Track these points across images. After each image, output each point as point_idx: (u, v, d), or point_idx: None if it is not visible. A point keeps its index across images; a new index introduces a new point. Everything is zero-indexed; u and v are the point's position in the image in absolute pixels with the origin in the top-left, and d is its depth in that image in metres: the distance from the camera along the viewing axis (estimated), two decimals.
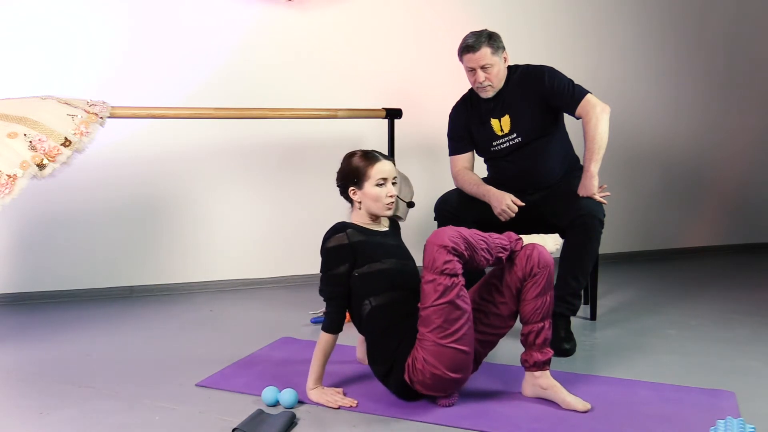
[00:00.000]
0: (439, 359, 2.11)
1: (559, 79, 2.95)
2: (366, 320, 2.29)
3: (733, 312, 3.41)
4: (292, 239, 4.00)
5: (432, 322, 2.10)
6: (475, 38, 2.92)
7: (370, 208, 2.36)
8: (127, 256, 3.75)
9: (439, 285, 2.07)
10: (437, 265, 2.07)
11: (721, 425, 2.00)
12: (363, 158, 2.36)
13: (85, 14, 3.56)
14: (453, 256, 2.08)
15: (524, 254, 2.24)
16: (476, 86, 3.00)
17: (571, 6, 4.42)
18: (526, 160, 3.00)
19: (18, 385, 2.47)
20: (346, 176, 2.38)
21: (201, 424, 2.11)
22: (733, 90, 4.89)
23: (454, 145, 3.16)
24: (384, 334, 2.25)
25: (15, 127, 2.62)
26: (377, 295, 2.27)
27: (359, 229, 2.34)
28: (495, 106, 3.02)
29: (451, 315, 2.09)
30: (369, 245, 2.31)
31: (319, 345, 2.28)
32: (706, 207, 4.98)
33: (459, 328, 2.10)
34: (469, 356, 2.17)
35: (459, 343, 2.11)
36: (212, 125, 3.75)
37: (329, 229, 2.33)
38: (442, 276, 2.07)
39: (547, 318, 2.25)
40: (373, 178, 2.33)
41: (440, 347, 2.10)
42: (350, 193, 2.38)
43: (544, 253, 2.24)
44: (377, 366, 2.29)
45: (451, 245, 2.07)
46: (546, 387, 2.26)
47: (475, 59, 2.92)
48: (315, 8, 3.92)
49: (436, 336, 2.10)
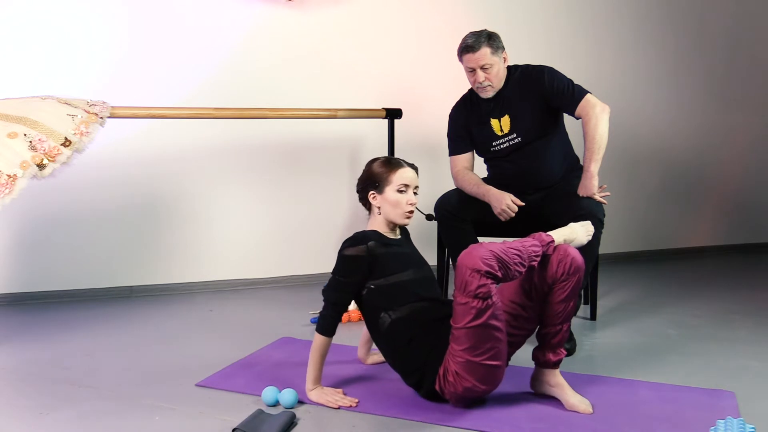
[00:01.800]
0: (471, 374, 2.10)
1: (558, 79, 2.95)
2: (387, 333, 2.26)
3: (733, 312, 3.41)
4: (292, 239, 4.00)
5: (464, 342, 2.07)
6: (475, 38, 2.92)
7: (389, 214, 2.33)
8: (127, 256, 3.75)
9: (472, 308, 2.02)
10: (470, 289, 2.01)
11: (721, 425, 2.00)
12: (386, 163, 2.34)
13: (85, 14, 3.56)
14: (487, 279, 2.01)
15: (556, 258, 2.18)
16: (476, 86, 3.00)
17: (571, 6, 4.42)
18: (526, 160, 3.00)
19: (18, 385, 2.47)
20: (367, 180, 2.35)
21: (201, 424, 2.11)
22: (733, 90, 4.89)
23: (454, 145, 3.15)
24: (410, 345, 2.22)
25: (15, 127, 2.62)
26: (397, 307, 2.24)
27: (382, 241, 2.30)
28: (495, 106, 3.02)
29: (483, 335, 2.05)
30: (389, 257, 2.28)
31: (315, 346, 2.27)
32: (706, 207, 4.98)
33: (492, 347, 2.07)
34: (502, 368, 2.15)
35: (491, 359, 2.08)
36: (212, 125, 3.75)
37: (352, 236, 2.28)
38: (475, 300, 2.01)
39: (566, 321, 2.24)
40: (394, 183, 2.31)
41: (473, 364, 2.08)
42: (370, 197, 2.35)
43: (576, 258, 2.19)
44: (407, 377, 2.28)
45: (485, 269, 2.00)
46: (554, 385, 2.27)
47: (475, 59, 2.92)
48: (315, 8, 3.92)
49: (469, 354, 2.07)
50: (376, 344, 2.36)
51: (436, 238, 3.25)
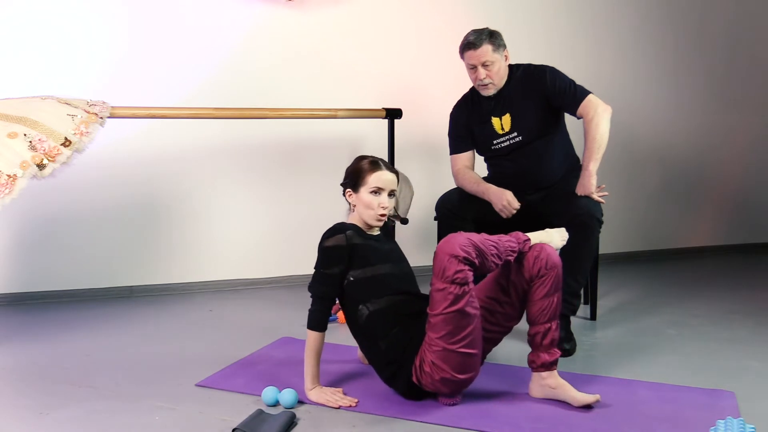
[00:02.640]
0: (447, 362, 2.12)
1: (560, 79, 2.95)
2: (364, 325, 2.28)
3: (733, 312, 3.41)
4: (292, 239, 4.00)
5: (441, 328, 2.10)
6: (477, 35, 2.93)
7: (362, 214, 2.37)
8: (127, 256, 3.75)
9: (449, 294, 2.06)
10: (448, 275, 2.06)
11: (721, 425, 2.00)
12: (366, 164, 2.36)
13: (84, 14, 3.55)
14: (464, 265, 2.06)
15: (532, 255, 2.23)
16: (477, 84, 3.00)
17: (571, 6, 4.42)
18: (526, 159, 3.00)
19: (18, 385, 2.47)
20: (347, 177, 2.40)
21: (201, 424, 2.11)
22: (733, 90, 4.89)
23: (455, 144, 3.16)
24: (386, 338, 2.24)
25: (15, 127, 2.62)
26: (375, 299, 2.26)
27: (358, 231, 2.34)
28: (496, 105, 3.02)
29: (460, 322, 2.08)
30: (366, 249, 2.30)
31: (309, 344, 2.28)
32: (706, 207, 4.98)
33: (468, 334, 2.10)
34: (477, 357, 2.17)
35: (467, 347, 2.11)
36: (212, 125, 3.74)
37: (330, 228, 2.32)
38: (452, 285, 2.06)
39: (554, 319, 2.25)
40: (369, 185, 2.33)
41: (449, 352, 2.10)
42: (346, 194, 2.40)
43: (553, 254, 2.24)
44: (382, 370, 2.29)
45: (462, 255, 2.06)
46: (555, 386, 2.26)
47: (477, 56, 2.92)
48: (315, 8, 3.92)
49: (445, 342, 2.10)
50: (354, 337, 2.38)
51: (436, 237, 3.25)
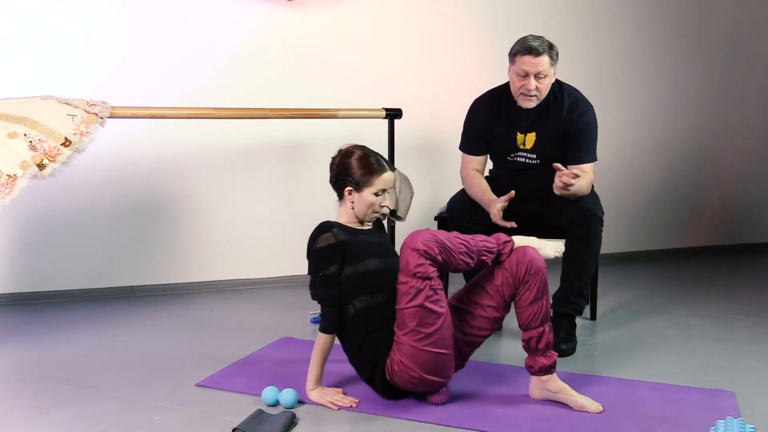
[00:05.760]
0: (416, 362, 2.12)
1: (589, 131, 2.87)
2: (350, 323, 2.27)
3: (733, 312, 3.41)
4: (292, 239, 3.98)
5: (406, 324, 2.11)
6: (539, 42, 2.75)
7: (360, 212, 2.36)
8: (127, 256, 3.75)
9: (411, 288, 2.08)
10: (410, 268, 2.08)
11: (721, 425, 2.00)
12: (369, 164, 2.33)
13: (85, 14, 3.55)
14: (425, 259, 2.08)
15: (515, 259, 2.22)
16: (520, 92, 2.82)
17: (571, 6, 4.42)
18: (535, 180, 2.93)
19: (18, 385, 2.47)
20: (346, 173, 2.34)
21: (201, 424, 2.11)
22: (733, 90, 4.88)
23: (468, 144, 3.05)
24: (368, 337, 2.24)
25: (15, 127, 2.62)
26: (360, 297, 2.25)
27: (344, 228, 2.32)
28: (526, 120, 2.89)
29: (424, 318, 2.09)
30: (354, 244, 2.29)
31: (317, 346, 2.27)
32: (706, 207, 4.98)
33: (434, 332, 2.10)
34: (447, 358, 2.16)
35: (434, 346, 2.11)
36: (212, 125, 3.74)
37: (314, 229, 2.31)
38: (414, 279, 2.08)
39: (546, 322, 2.23)
40: (375, 187, 2.32)
41: (416, 350, 2.11)
42: (346, 191, 2.36)
43: (536, 258, 2.22)
44: (362, 370, 2.29)
45: (423, 248, 2.07)
46: (556, 390, 2.25)
47: (535, 64, 2.74)
48: (315, 8, 3.92)
49: (411, 339, 2.11)
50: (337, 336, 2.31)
51: None
